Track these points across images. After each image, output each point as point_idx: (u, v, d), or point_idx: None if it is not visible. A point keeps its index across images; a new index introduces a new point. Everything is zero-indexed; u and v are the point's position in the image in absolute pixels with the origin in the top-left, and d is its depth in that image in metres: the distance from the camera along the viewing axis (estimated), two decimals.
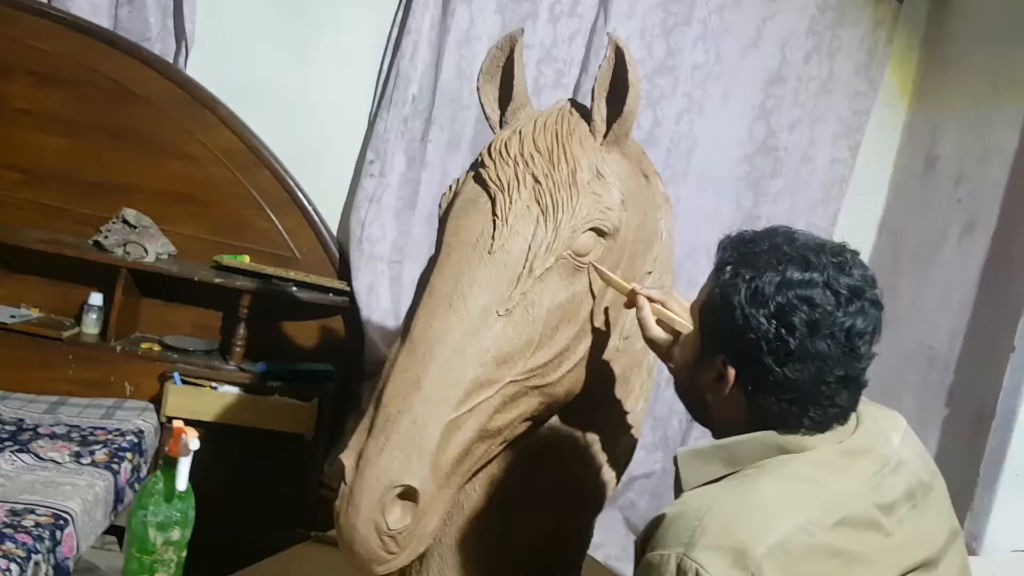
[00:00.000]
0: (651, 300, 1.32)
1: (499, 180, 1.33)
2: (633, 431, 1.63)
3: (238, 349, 2.96)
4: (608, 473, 1.60)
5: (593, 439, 1.53)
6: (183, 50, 3.01)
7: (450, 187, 1.43)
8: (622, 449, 1.62)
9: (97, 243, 2.91)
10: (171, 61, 3.01)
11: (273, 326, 3.13)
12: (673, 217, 1.63)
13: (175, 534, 1.30)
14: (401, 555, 1.20)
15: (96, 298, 2.93)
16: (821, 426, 1.03)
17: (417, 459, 1.18)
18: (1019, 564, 1.93)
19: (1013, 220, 2.51)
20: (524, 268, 1.28)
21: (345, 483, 1.20)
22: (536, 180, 1.31)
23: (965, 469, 2.31)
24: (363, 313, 3.08)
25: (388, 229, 3.10)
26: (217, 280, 2.92)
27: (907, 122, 3.35)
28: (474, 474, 1.35)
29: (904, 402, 2.70)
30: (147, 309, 3.10)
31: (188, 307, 3.13)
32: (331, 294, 3.05)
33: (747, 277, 1.03)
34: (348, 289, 3.07)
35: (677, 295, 1.36)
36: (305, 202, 3.12)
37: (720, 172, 3.27)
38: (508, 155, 1.35)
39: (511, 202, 1.30)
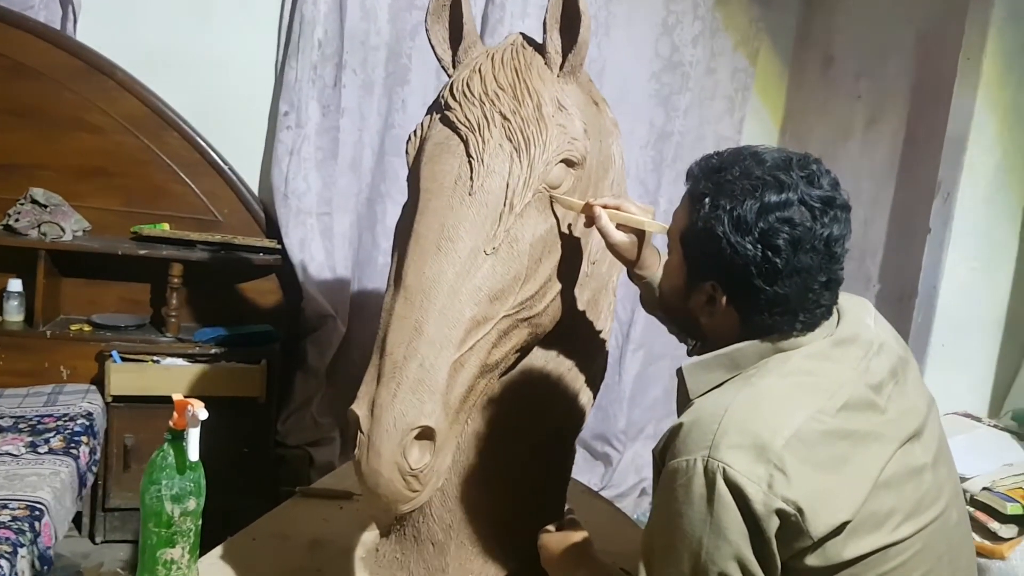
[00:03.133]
0: (607, 207, 1.36)
1: (468, 121, 1.34)
2: (604, 349, 1.71)
3: (172, 320, 2.91)
4: (586, 393, 1.67)
5: (571, 363, 1.60)
6: (70, 16, 2.86)
7: (415, 132, 1.44)
8: (596, 368, 1.70)
9: (8, 227, 2.78)
10: (59, 29, 2.85)
11: (204, 293, 3.08)
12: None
13: (191, 504, 1.31)
14: (423, 492, 1.25)
15: (15, 284, 2.82)
16: (811, 326, 1.12)
17: (430, 400, 1.22)
18: (953, 425, 2.12)
19: (918, 110, 2.66)
20: (505, 206, 1.31)
21: (362, 432, 1.23)
22: (504, 117, 1.34)
23: None
24: (298, 269, 3.05)
25: (312, 181, 3.06)
26: (142, 252, 2.84)
27: (801, 25, 3.47)
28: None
29: None
30: (69, 290, 3.00)
31: (112, 283, 3.05)
32: (261, 253, 3.01)
33: (727, 207, 1.08)
34: (279, 247, 3.03)
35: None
36: (220, 162, 3.05)
37: (631, 92, 3.34)
38: (472, 95, 1.36)
39: (483, 142, 1.32)
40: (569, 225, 1.41)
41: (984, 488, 1.94)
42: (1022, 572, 1.81)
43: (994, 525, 1.90)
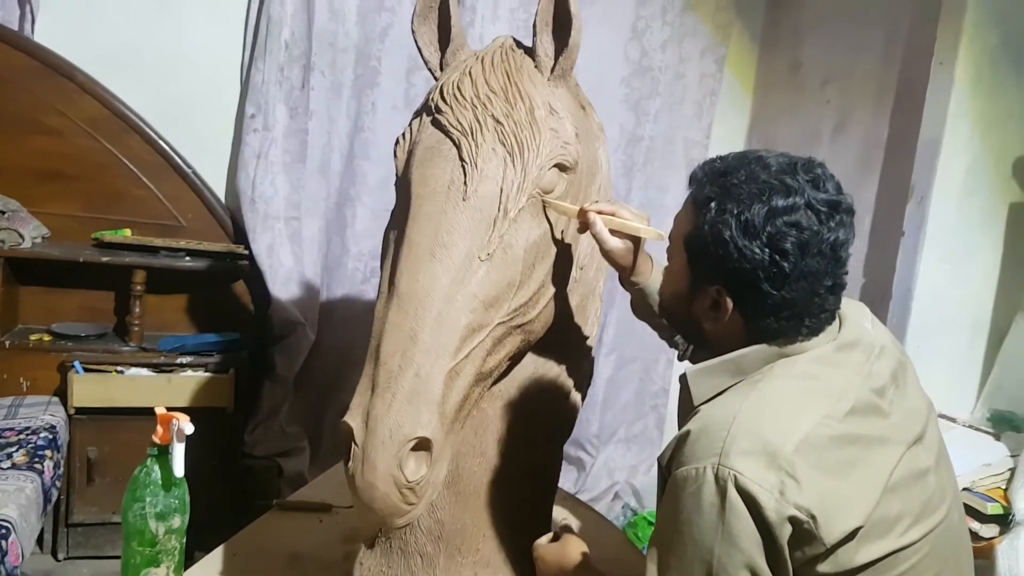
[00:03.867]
0: (602, 213, 1.34)
1: (460, 124, 1.31)
2: (591, 355, 1.69)
3: (136, 329, 2.83)
4: (574, 399, 1.66)
5: (560, 369, 1.58)
6: (28, 15, 2.76)
7: (403, 135, 1.41)
8: (583, 373, 1.68)
9: None
10: (16, 29, 2.76)
11: (168, 300, 3.01)
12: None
13: (176, 522, 1.27)
14: (420, 504, 1.21)
15: None
16: (816, 331, 1.11)
17: (426, 410, 1.18)
18: None
19: (890, 114, 2.69)
20: (499, 211, 1.28)
21: (356, 444, 1.19)
22: (497, 121, 1.31)
23: None
24: (266, 275, 2.98)
25: (280, 185, 3.00)
26: (104, 259, 2.76)
27: (768, 29, 3.50)
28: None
29: None
30: (27, 298, 2.90)
31: (72, 291, 2.96)
32: (228, 259, 2.94)
33: (735, 212, 1.07)
34: (246, 253, 2.97)
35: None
36: (184, 166, 2.97)
37: (601, 96, 3.30)
38: (464, 98, 1.34)
39: (477, 146, 1.30)
40: (561, 230, 1.40)
41: (964, 489, 1.96)
42: (1004, 570, 1.83)
43: (975, 525, 1.93)
